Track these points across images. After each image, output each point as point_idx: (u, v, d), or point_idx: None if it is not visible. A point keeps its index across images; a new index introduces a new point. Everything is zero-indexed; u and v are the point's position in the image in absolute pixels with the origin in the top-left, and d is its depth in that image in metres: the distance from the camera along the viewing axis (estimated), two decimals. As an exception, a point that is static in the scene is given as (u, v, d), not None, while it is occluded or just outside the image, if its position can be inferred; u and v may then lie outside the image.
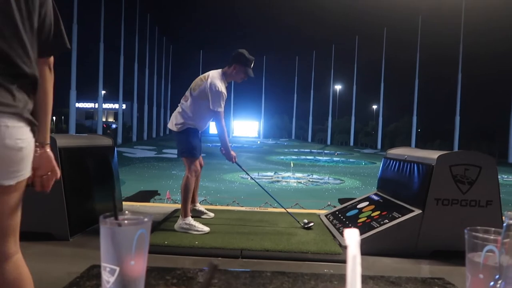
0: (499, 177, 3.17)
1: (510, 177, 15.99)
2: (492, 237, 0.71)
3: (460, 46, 29.71)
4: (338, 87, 51.58)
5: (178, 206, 4.56)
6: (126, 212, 0.72)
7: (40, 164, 1.31)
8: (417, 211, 3.11)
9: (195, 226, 3.36)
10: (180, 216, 3.44)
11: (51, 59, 1.37)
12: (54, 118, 47.09)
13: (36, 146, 1.27)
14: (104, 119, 48.65)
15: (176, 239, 3.10)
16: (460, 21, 29.58)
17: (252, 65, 3.68)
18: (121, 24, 29.98)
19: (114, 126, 41.53)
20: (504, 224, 0.63)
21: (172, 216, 3.90)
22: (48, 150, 1.34)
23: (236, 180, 11.29)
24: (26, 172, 1.19)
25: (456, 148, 27.85)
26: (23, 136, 1.14)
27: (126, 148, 22.48)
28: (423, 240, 3.05)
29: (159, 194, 6.67)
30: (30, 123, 1.17)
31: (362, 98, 45.06)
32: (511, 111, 26.61)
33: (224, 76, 3.63)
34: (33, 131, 1.20)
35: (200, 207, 3.99)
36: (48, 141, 1.35)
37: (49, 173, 1.35)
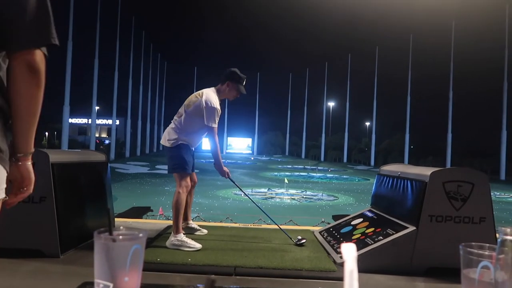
0: (491, 194, 3.19)
1: (503, 194, 16.07)
2: (487, 253, 0.71)
3: (450, 64, 30.23)
4: (331, 104, 52.00)
5: (171, 222, 4.52)
6: (121, 227, 0.72)
7: (15, 178, 1.14)
8: (411, 228, 3.11)
9: (186, 242, 3.33)
10: (172, 233, 3.40)
11: (31, 55, 1.03)
12: (46, 133, 46.78)
13: (13, 157, 1.11)
14: (97, 135, 48.47)
15: (168, 256, 3.06)
16: (450, 40, 30.17)
17: (244, 82, 3.74)
18: (116, 40, 30.16)
19: (107, 141, 41.34)
20: (499, 240, 0.63)
21: (165, 233, 3.86)
22: (28, 163, 1.14)
23: (229, 197, 11.22)
24: None
25: (448, 165, 28.04)
26: None
27: (119, 164, 22.33)
28: (418, 257, 3.04)
29: (151, 211, 6.60)
30: None
31: (355, 115, 45.45)
32: (502, 128, 26.94)
33: (217, 93, 3.67)
34: None
35: (193, 224, 3.95)
36: (27, 151, 1.13)
37: (24, 188, 1.16)
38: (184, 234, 3.44)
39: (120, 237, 0.68)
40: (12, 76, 1.04)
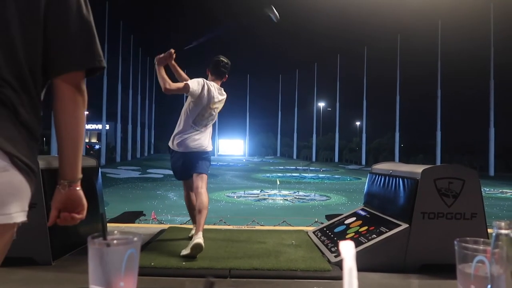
0: (481, 190, 3.23)
1: (492, 189, 16.29)
2: (481, 248, 0.72)
3: (438, 63, 30.58)
4: (321, 105, 52.25)
5: (164, 226, 4.49)
6: (115, 232, 0.71)
7: (66, 206, 1.09)
8: (404, 225, 3.13)
9: None
10: (200, 233, 3.28)
11: (79, 76, 1.05)
12: (44, 139, 46.27)
13: (59, 184, 1.07)
14: (87, 140, 48.03)
15: (162, 260, 3.04)
16: (437, 40, 30.53)
17: (216, 65, 3.82)
18: (104, 45, 29.98)
19: (97, 146, 40.98)
20: (493, 234, 0.64)
21: (158, 237, 3.83)
22: (78, 188, 1.10)
23: (222, 199, 11.20)
24: None
25: (438, 162, 28.34)
26: None
27: (110, 169, 22.14)
28: (411, 255, 3.06)
29: (144, 215, 6.56)
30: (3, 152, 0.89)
31: (346, 115, 45.74)
32: (490, 125, 27.32)
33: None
34: (14, 162, 0.91)
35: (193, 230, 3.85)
36: (78, 177, 1.10)
37: (77, 216, 1.11)
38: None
39: (115, 241, 0.68)
40: (60, 98, 1.04)
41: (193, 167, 3.64)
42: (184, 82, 3.60)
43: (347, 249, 0.41)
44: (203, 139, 3.69)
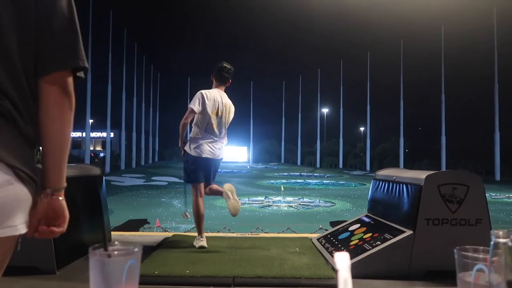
0: (487, 195, 3.21)
1: (498, 194, 16.16)
2: (481, 256, 0.72)
3: (441, 68, 30.52)
4: (325, 111, 52.24)
5: (169, 234, 4.49)
6: (116, 242, 0.72)
7: (47, 216, 1.02)
8: (409, 232, 3.11)
9: None
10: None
11: (64, 77, 1.00)
12: (40, 148, 46.44)
13: (42, 193, 1.01)
14: (92, 148, 48.21)
15: (166, 269, 3.04)
16: (440, 44, 30.51)
17: (220, 71, 4.09)
18: (108, 53, 30.21)
19: (102, 154, 41.14)
20: (491, 243, 0.64)
21: (162, 245, 3.84)
22: (61, 198, 1.04)
23: (226, 206, 11.18)
24: None
25: (444, 167, 28.17)
26: None
27: (114, 177, 22.21)
28: (416, 261, 3.04)
29: (148, 223, 6.56)
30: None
31: (350, 121, 45.65)
32: (495, 129, 27.16)
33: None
34: (18, 175, 0.91)
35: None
36: (62, 186, 1.04)
37: (58, 228, 1.04)
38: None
39: (115, 252, 0.68)
40: (44, 100, 0.98)
41: (215, 173, 4.17)
42: (188, 109, 3.94)
43: (342, 260, 0.42)
44: (223, 148, 4.17)
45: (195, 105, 3.91)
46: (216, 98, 3.99)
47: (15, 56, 0.94)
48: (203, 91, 3.98)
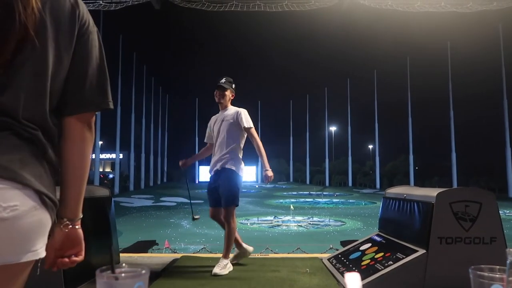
0: (501, 212, 3.14)
1: (512, 211, 15.82)
2: (498, 276, 0.70)
3: (449, 84, 30.47)
4: (333, 129, 52.20)
5: (177, 255, 4.45)
6: (124, 264, 0.71)
7: (64, 245, 1.05)
8: (421, 251, 3.05)
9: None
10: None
11: (91, 116, 1.08)
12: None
13: (60, 223, 1.04)
14: (101, 169, 48.53)
15: (175, 291, 3.00)
16: (447, 62, 30.55)
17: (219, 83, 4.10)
18: (118, 76, 30.72)
19: (111, 176, 41.37)
20: (508, 262, 0.62)
21: (171, 266, 3.80)
22: (78, 227, 1.08)
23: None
24: (15, 255, 0.87)
25: (455, 184, 27.78)
26: (9, 200, 0.85)
27: (123, 198, 22.24)
28: (430, 281, 2.96)
29: (157, 244, 6.53)
30: (27, 187, 0.89)
31: (358, 139, 45.50)
32: (506, 145, 26.84)
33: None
34: (43, 201, 0.92)
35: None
36: (79, 216, 1.09)
37: (73, 256, 1.08)
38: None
39: (123, 274, 0.68)
40: (70, 135, 1.05)
41: None
42: (253, 128, 4.08)
43: (353, 281, 0.40)
44: None
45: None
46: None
47: (49, 93, 0.99)
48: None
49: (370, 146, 52.28)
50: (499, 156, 27.83)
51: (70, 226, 1.06)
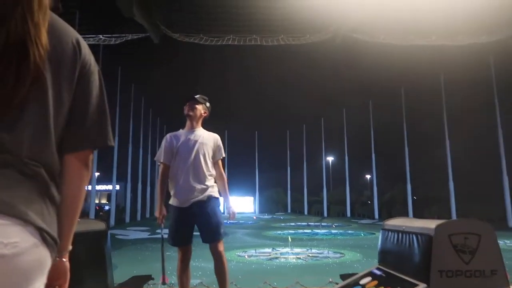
0: (501, 242, 3.13)
1: (513, 241, 15.65)
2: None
3: (443, 115, 30.86)
4: (330, 159, 52.28)
5: (173, 291, 4.35)
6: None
7: (49, 276, 1.03)
8: (422, 285, 3.00)
9: None
10: None
11: (89, 153, 1.11)
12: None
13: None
14: (97, 201, 48.02)
15: (171, 329, 2.91)
16: (441, 93, 31.08)
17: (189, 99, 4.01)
18: (116, 107, 30.96)
19: (107, 207, 40.91)
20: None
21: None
22: (65, 260, 1.10)
23: (232, 259, 10.88)
24: None
25: (454, 214, 27.61)
26: (11, 237, 0.84)
27: (119, 230, 21.87)
28: (432, 317, 2.90)
29: (152, 279, 6.38)
30: (29, 223, 0.89)
31: (355, 168, 45.45)
32: (502, 173, 26.88)
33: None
34: (44, 238, 0.91)
35: None
36: (69, 248, 1.12)
37: (57, 287, 1.09)
38: None
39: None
40: (67, 172, 1.07)
41: None
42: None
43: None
44: None
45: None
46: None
47: (53, 132, 1.01)
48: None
49: (368, 176, 52.23)
50: (496, 183, 27.84)
51: (58, 258, 1.07)
